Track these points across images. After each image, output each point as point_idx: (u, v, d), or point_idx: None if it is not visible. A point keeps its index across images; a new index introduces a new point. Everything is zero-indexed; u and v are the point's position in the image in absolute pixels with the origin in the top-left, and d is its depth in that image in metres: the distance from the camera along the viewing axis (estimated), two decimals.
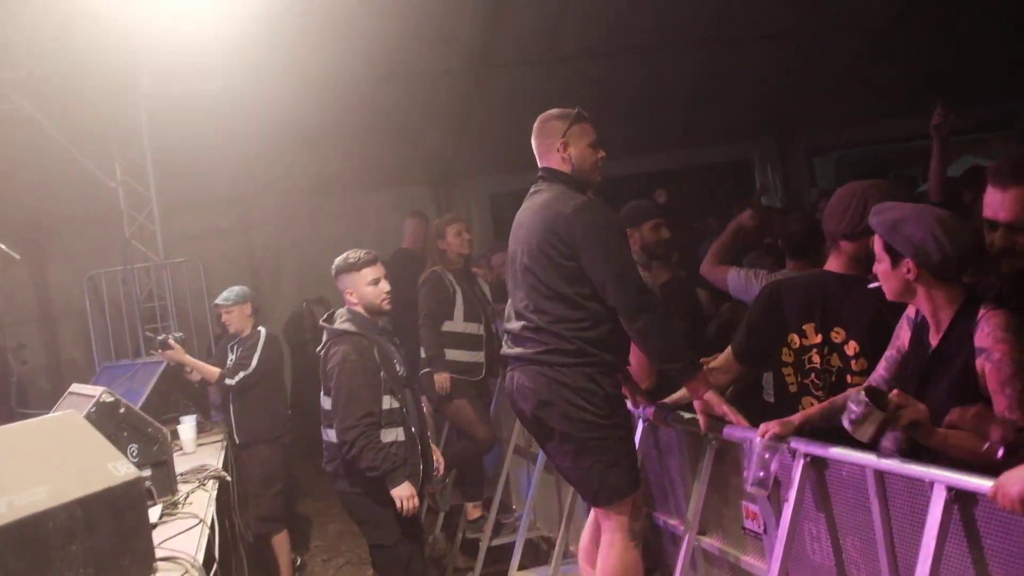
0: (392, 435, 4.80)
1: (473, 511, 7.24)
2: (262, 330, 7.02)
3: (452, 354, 6.88)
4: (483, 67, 10.38)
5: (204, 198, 10.93)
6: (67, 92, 8.70)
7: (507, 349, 4.28)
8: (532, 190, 4.31)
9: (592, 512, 4.40)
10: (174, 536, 3.87)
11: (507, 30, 9.80)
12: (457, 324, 6.93)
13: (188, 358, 6.91)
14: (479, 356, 7.00)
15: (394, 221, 10.85)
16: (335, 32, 8.76)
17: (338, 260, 5.03)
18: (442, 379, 6.78)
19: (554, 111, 4.29)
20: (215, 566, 3.81)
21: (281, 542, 7.03)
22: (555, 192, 4.14)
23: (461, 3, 9.28)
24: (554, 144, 4.19)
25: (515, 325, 4.19)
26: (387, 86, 10.11)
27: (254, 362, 6.78)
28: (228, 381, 6.74)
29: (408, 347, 6.18)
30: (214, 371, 6.85)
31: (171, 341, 6.89)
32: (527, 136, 4.33)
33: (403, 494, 4.71)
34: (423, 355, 7.01)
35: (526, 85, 10.22)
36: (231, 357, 6.94)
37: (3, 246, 6.27)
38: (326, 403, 4.93)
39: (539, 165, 4.31)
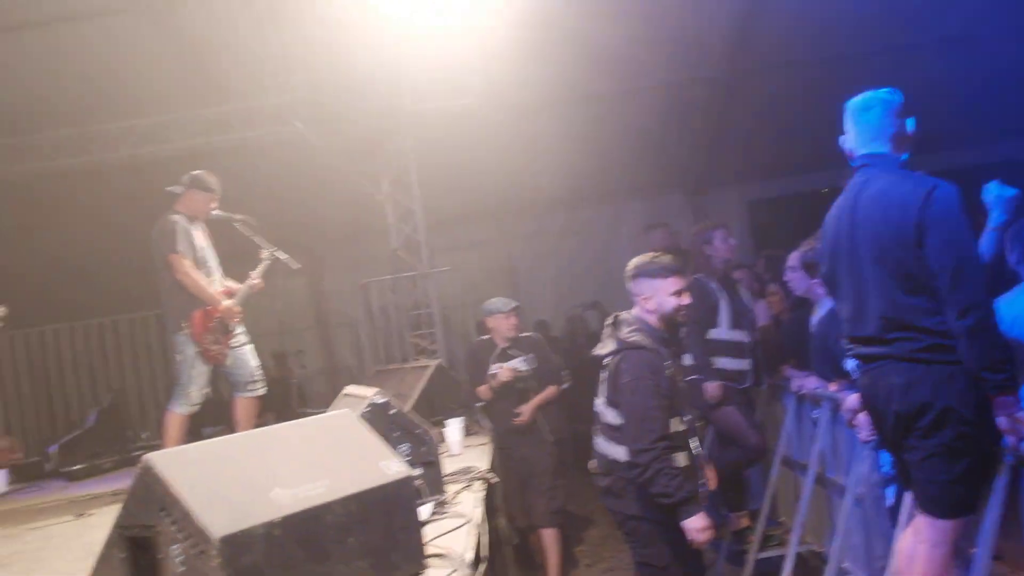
0: (679, 460, 4.45)
1: (739, 522, 7.03)
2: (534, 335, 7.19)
3: (718, 362, 6.70)
4: (737, 73, 10.13)
5: (465, 210, 11.28)
6: (338, 113, 9.22)
7: (862, 348, 4.01)
8: (858, 179, 4.02)
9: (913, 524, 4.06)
10: (443, 534, 3.93)
11: (763, 34, 9.51)
12: (722, 331, 6.72)
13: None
14: (745, 364, 6.76)
15: None
16: (583, 46, 8.82)
17: (641, 261, 4.68)
18: (713, 388, 6.58)
19: (879, 92, 4.02)
20: (482, 566, 3.85)
21: (555, 539, 7.13)
22: (895, 177, 3.87)
23: (712, 12, 9.10)
24: (890, 126, 3.95)
25: (870, 323, 3.92)
26: (638, 97, 10.09)
27: (534, 364, 7.02)
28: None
29: None
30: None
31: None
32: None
33: (697, 526, 4.37)
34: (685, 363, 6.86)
35: (788, 88, 9.89)
36: (510, 362, 7.12)
37: (284, 257, 6.65)
38: (607, 414, 4.67)
39: (858, 151, 4.03)
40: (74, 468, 8.81)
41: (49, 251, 10.39)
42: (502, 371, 7.04)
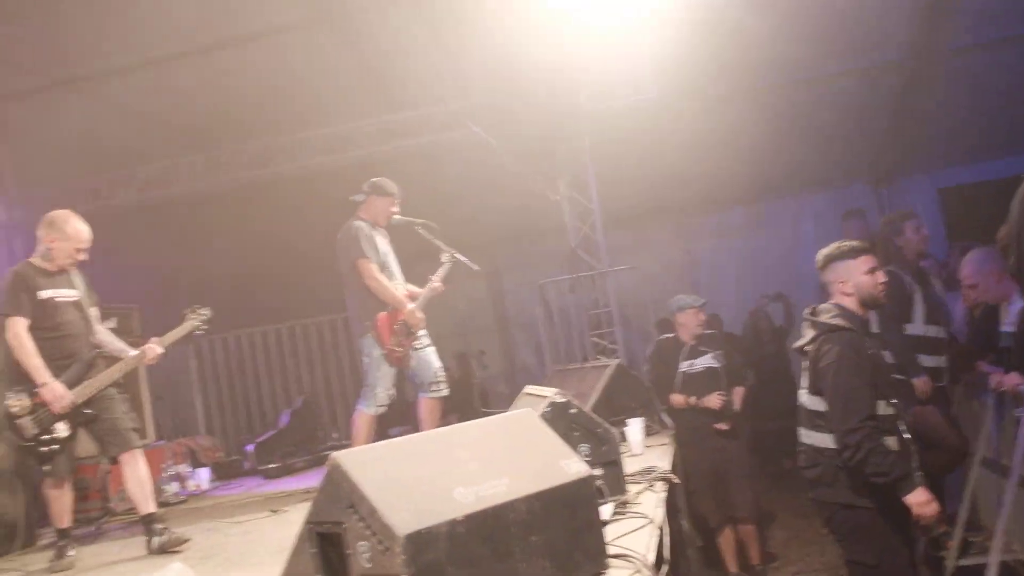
0: (889, 443, 4.27)
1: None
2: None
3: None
4: (924, 55, 9.60)
5: (643, 207, 11.18)
6: (514, 115, 9.29)
7: None
8: None
9: None
10: (624, 535, 3.89)
11: (953, 13, 8.98)
12: (917, 326, 6.37)
13: None
14: (942, 361, 6.39)
15: (833, 221, 10.39)
16: (760, 36, 8.56)
17: (829, 250, 4.61)
18: (923, 382, 6.20)
19: None
20: (665, 567, 3.78)
21: (755, 533, 7.07)
22: None
23: None
24: None
25: None
26: (819, 86, 9.74)
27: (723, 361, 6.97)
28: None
29: None
30: None
31: None
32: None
33: (919, 499, 4.16)
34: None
35: (983, 69, 9.32)
36: (701, 360, 7.05)
37: (464, 259, 6.75)
38: (811, 402, 4.51)
39: None
40: (269, 467, 9.24)
41: (243, 258, 10.93)
42: (710, 399, 6.96)
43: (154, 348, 5.55)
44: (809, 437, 4.54)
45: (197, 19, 8.06)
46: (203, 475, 8.92)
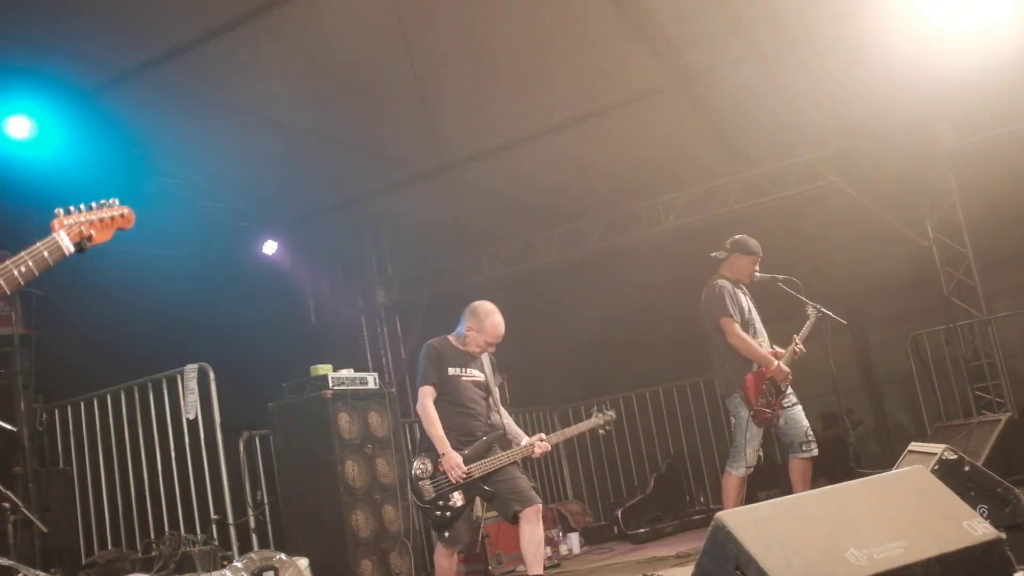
0: None
1: None
2: None
3: None
4: None
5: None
6: (873, 161, 8.93)
7: None
8: None
9: None
10: None
11: None
12: None
13: None
14: None
15: None
16: None
17: None
18: None
19: None
20: None
21: None
22: None
23: None
24: None
25: None
26: None
27: None
28: None
29: None
30: None
31: None
32: None
33: None
34: None
35: None
36: None
37: (829, 313, 6.52)
38: None
39: None
40: (638, 532, 9.29)
41: (604, 325, 11.21)
42: None
43: (543, 445, 5.70)
44: None
45: (552, 100, 8.51)
46: (573, 540, 9.14)
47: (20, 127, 6.76)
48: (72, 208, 2.24)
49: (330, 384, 7.38)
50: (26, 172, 6.83)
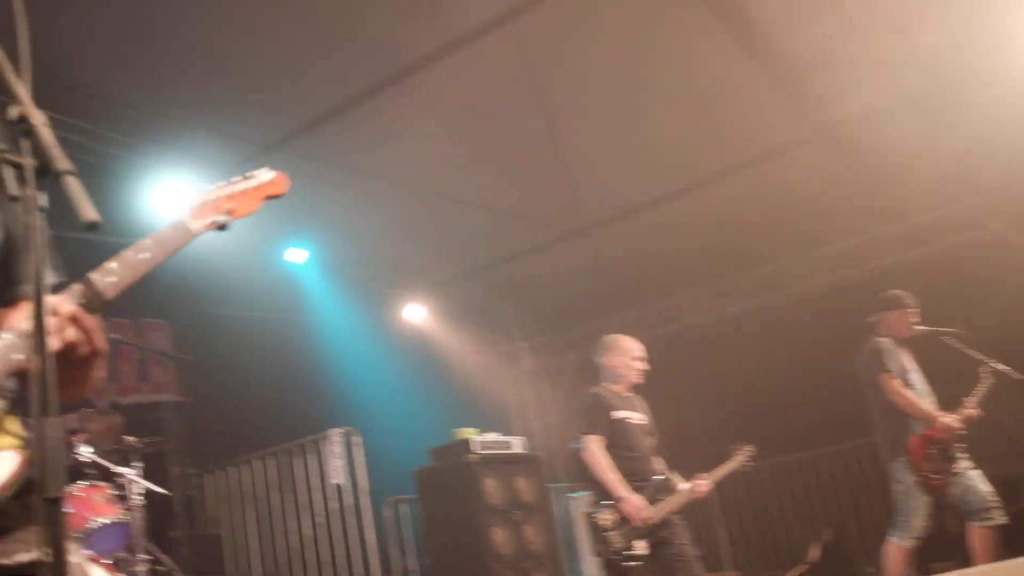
0: None
1: None
2: None
3: None
4: None
5: None
6: None
7: None
8: None
9: None
10: None
11: None
12: None
13: None
14: None
15: None
16: None
17: None
18: None
19: None
20: None
21: None
22: None
23: None
24: None
25: None
26: None
27: None
28: None
29: None
30: None
31: None
32: None
33: None
34: None
35: None
36: None
37: (1004, 369, 6.09)
38: None
39: None
40: None
41: (756, 386, 10.80)
42: None
43: (703, 484, 5.60)
44: None
45: (693, 156, 8.34)
46: None
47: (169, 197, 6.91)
48: (210, 186, 2.06)
49: (475, 448, 7.29)
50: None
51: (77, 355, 1.58)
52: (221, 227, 2.03)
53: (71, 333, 1.57)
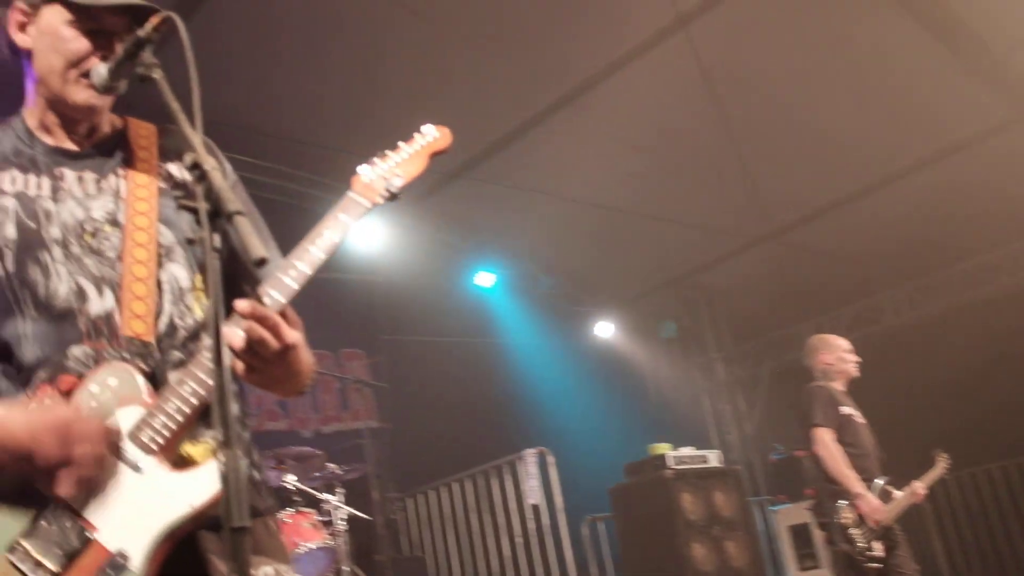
0: None
1: None
2: None
3: None
4: None
5: None
6: None
7: None
8: None
9: None
10: None
11: None
12: None
13: None
14: None
15: None
16: None
17: None
18: None
19: None
20: None
21: None
22: None
23: None
24: None
25: None
26: None
27: None
28: None
29: None
30: None
31: None
32: None
33: None
34: None
35: None
36: None
37: None
38: None
39: None
40: None
41: (959, 389, 10.17)
42: None
43: (921, 490, 5.39)
44: None
45: (884, 151, 7.98)
46: None
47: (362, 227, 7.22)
48: (375, 159, 2.02)
49: (671, 463, 7.18)
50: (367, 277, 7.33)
51: (268, 352, 1.62)
52: (393, 196, 1.99)
53: (256, 329, 1.60)
